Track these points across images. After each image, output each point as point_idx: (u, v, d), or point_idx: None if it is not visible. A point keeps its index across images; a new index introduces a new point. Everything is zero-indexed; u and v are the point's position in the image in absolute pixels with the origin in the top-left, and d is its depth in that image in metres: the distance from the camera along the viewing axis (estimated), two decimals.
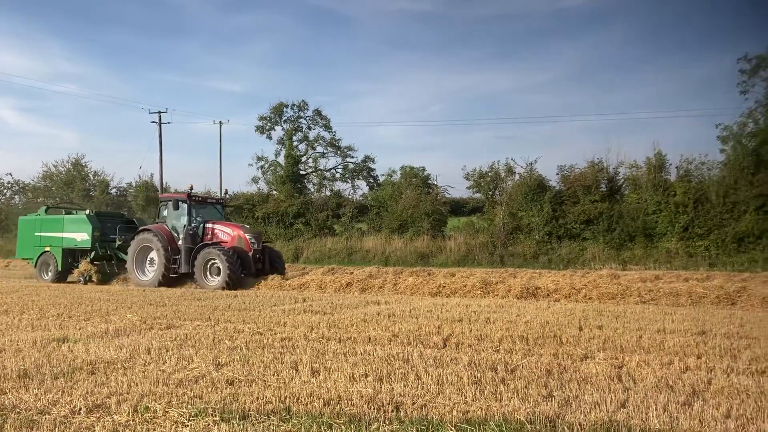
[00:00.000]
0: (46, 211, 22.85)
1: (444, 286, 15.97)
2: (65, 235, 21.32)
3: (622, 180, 32.74)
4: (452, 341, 7.86)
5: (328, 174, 47.57)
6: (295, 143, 46.66)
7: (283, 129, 46.94)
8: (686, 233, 28.99)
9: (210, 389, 5.41)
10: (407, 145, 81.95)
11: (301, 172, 46.63)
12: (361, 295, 15.46)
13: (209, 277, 18.23)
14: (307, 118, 47.05)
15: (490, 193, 35.68)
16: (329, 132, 47.08)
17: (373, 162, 47.26)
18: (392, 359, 6.67)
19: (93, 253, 20.91)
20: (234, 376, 5.86)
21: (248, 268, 18.57)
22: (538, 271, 21.05)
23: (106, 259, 21.31)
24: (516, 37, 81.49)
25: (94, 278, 20.57)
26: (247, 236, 19.11)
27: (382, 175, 45.14)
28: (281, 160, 46.35)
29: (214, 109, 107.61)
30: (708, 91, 76.98)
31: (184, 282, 18.97)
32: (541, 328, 9.03)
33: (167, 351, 7.15)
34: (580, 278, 15.75)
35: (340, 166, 47.71)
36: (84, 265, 20.69)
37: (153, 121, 45.21)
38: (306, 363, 6.42)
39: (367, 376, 5.87)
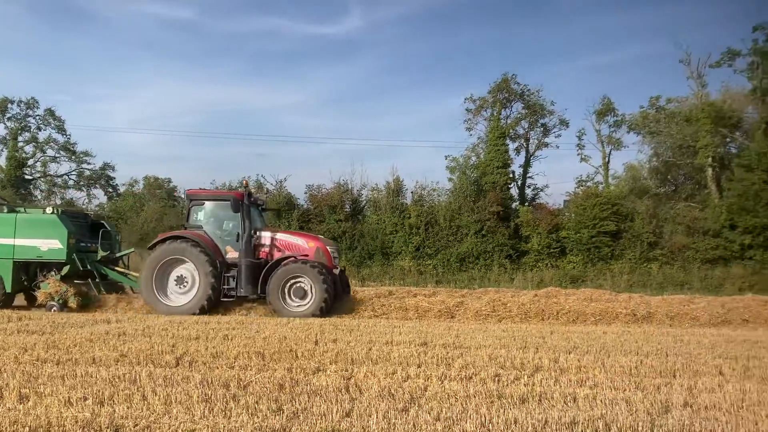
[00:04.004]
0: None
1: None
2: (19, 242, 15.19)
3: (365, 201, 34.83)
4: (186, 359, 7.60)
5: (59, 180, 43.50)
6: (20, 144, 41.93)
7: (6, 127, 42.04)
8: (418, 253, 31.75)
9: None
10: (153, 155, 77.46)
11: (27, 177, 41.99)
12: (88, 314, 14.22)
13: (289, 300, 14.37)
14: (37, 118, 42.69)
15: None
16: (63, 135, 43.15)
17: (113, 170, 44.29)
18: (117, 380, 6.25)
19: (67, 268, 15.34)
20: None
21: (337, 291, 14.88)
22: None
23: (90, 277, 15.87)
24: (272, 56, 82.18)
25: (72, 303, 14.88)
26: (329, 249, 15.24)
27: (123, 184, 42.47)
28: (2, 162, 41.29)
29: None
30: (441, 125, 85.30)
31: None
32: (278, 343, 9.13)
33: None
34: None
35: (74, 173, 43.95)
36: (54, 284, 14.96)
37: None
38: (13, 388, 5.72)
39: (86, 399, 5.43)
